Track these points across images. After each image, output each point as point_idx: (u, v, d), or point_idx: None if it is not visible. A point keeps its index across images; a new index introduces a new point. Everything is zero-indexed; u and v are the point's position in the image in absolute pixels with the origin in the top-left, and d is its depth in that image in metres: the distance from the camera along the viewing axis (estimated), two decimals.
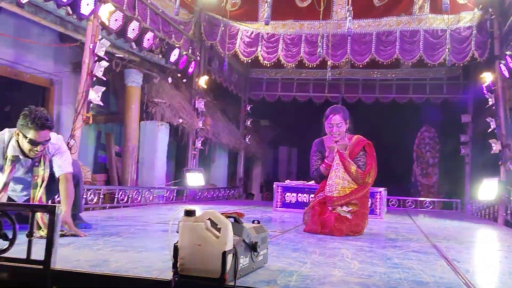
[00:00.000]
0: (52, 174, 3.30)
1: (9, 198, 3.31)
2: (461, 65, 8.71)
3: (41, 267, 1.90)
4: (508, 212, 6.59)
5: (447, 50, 7.72)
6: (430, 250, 3.18)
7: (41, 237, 2.72)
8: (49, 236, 1.92)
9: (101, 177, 7.90)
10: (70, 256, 2.32)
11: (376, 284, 1.94)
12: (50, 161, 3.29)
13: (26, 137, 3.05)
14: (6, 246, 1.95)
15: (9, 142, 3.17)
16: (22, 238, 1.98)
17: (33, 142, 3.06)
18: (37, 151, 3.12)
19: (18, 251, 1.95)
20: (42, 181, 3.25)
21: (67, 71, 7.13)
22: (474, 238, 4.63)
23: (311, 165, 4.29)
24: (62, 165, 3.29)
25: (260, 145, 13.60)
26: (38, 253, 1.92)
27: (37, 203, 3.18)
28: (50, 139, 3.17)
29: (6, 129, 3.26)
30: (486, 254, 3.44)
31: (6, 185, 3.15)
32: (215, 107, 10.78)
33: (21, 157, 3.17)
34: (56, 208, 1.93)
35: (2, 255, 1.96)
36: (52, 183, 3.31)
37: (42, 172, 3.24)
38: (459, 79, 10.80)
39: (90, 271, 1.99)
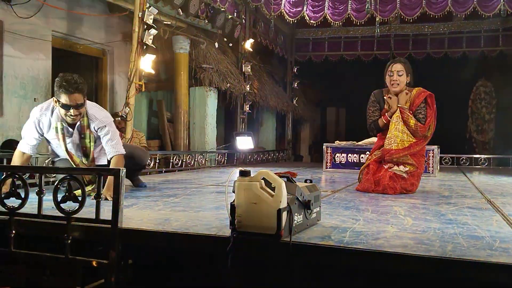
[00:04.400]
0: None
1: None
2: None
3: (109, 226, 2.05)
4: None
5: None
6: (485, 206, 3.14)
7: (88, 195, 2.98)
8: (115, 198, 2.06)
9: (155, 143, 8.18)
10: (134, 216, 2.48)
11: (430, 239, 1.96)
12: (98, 138, 3.38)
13: (60, 102, 3.14)
14: (77, 208, 2.11)
15: (52, 112, 3.27)
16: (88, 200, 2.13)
17: (65, 106, 3.14)
18: (71, 115, 3.19)
19: (85, 212, 2.10)
20: (92, 155, 3.38)
21: (118, 41, 7.30)
22: None
23: (368, 116, 4.16)
24: (115, 146, 3.35)
25: (308, 106, 13.52)
26: (105, 214, 2.07)
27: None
28: (83, 103, 3.21)
29: (45, 102, 3.37)
30: None
31: (68, 151, 3.32)
32: (261, 70, 10.76)
33: (64, 124, 3.27)
34: (121, 171, 2.06)
35: (74, 215, 2.12)
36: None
37: (89, 145, 3.36)
38: None
39: (154, 229, 2.13)
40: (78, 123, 3.30)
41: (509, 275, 1.60)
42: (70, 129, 3.32)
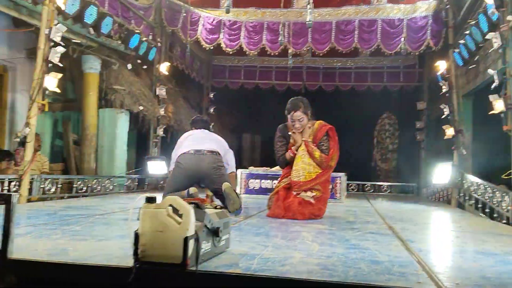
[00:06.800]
0: None
1: None
2: (417, 53, 8.95)
3: None
4: (461, 194, 6.88)
5: (403, 39, 7.91)
6: (386, 231, 3.30)
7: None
8: (5, 226, 1.88)
9: (58, 166, 7.69)
10: (28, 245, 2.27)
11: (334, 264, 2.01)
12: None
13: None
14: None
15: None
16: None
17: None
18: None
19: None
20: None
21: (22, 57, 6.87)
22: (428, 220, 4.83)
23: (276, 150, 4.36)
24: None
25: (224, 132, 13.56)
26: None
27: None
28: None
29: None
30: (439, 235, 3.60)
31: None
32: (177, 94, 10.64)
33: None
34: (12, 197, 1.88)
35: None
36: None
37: None
38: (415, 67, 11.08)
39: (48, 260, 1.96)
40: None
41: None
42: None
